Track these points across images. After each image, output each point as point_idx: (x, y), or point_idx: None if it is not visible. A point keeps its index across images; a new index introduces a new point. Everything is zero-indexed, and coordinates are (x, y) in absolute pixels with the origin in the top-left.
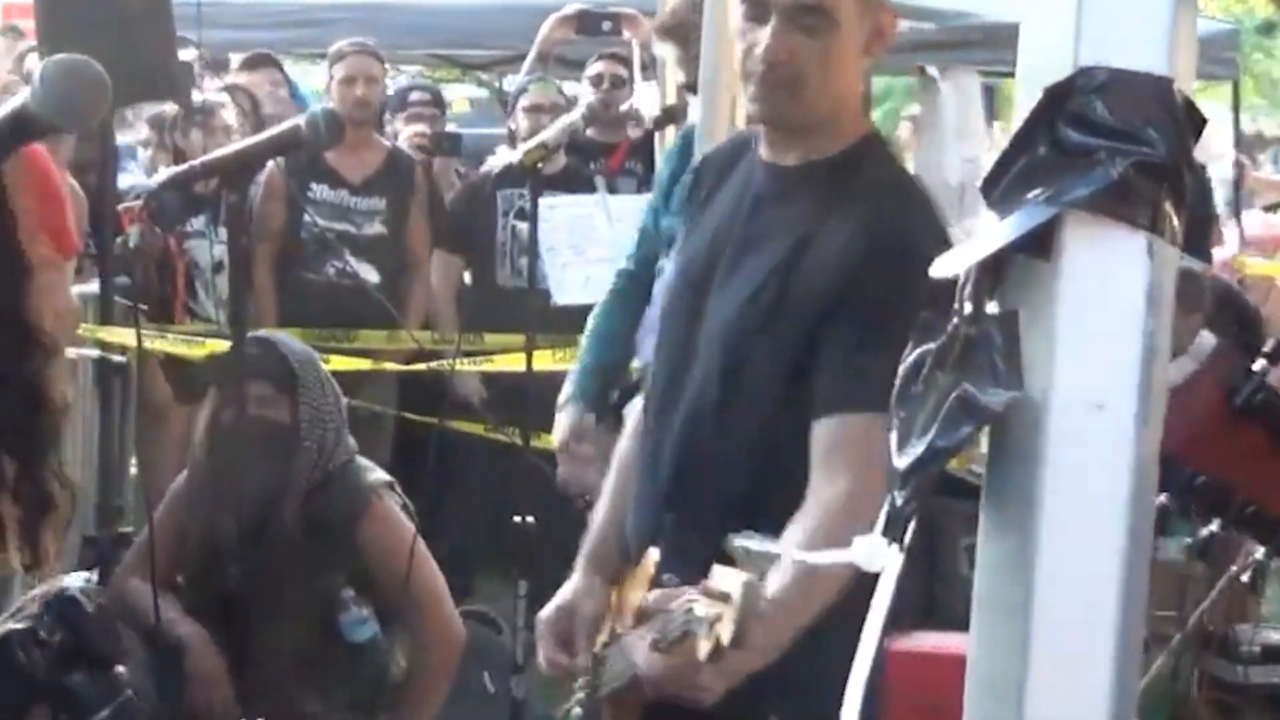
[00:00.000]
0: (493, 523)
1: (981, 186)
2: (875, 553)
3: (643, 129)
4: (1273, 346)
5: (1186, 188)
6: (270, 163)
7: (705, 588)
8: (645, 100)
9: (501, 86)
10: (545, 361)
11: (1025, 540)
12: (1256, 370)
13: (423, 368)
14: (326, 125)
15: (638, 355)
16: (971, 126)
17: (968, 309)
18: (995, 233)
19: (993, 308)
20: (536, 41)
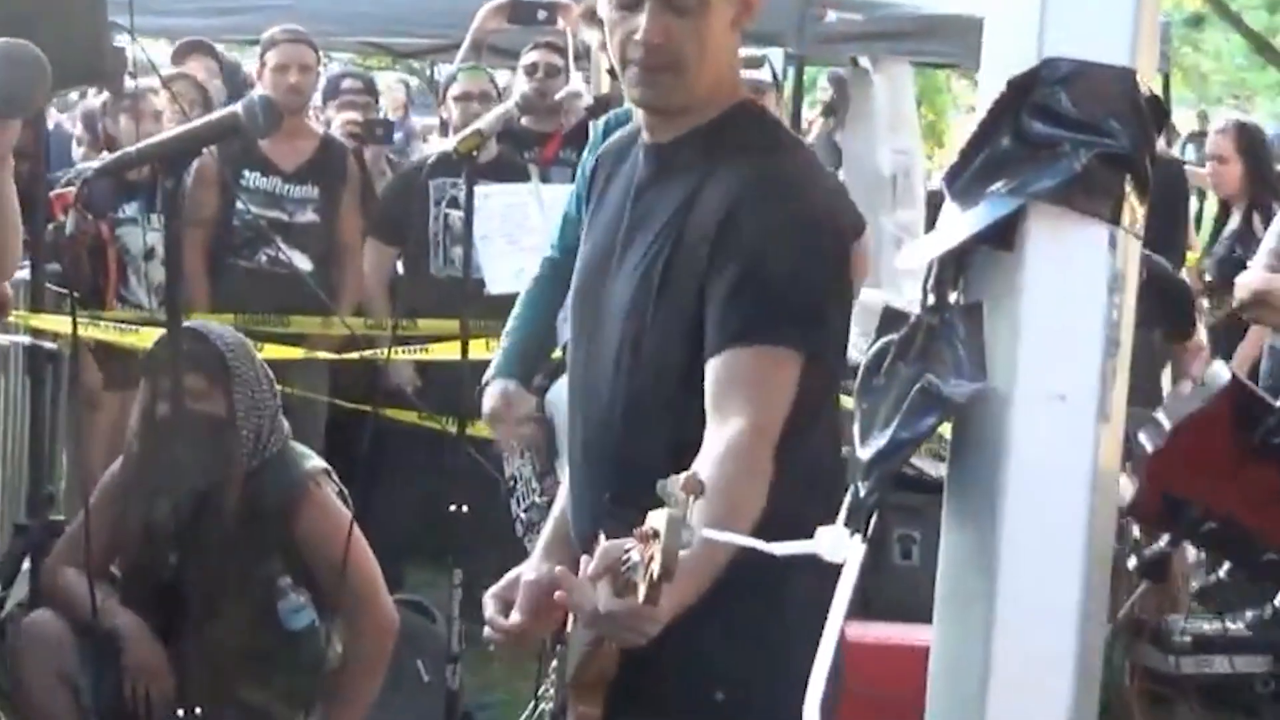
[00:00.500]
0: (427, 512)
1: (944, 177)
2: (838, 543)
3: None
4: None
5: (1149, 179)
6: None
7: (639, 533)
8: (578, 89)
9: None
10: (480, 351)
11: (989, 531)
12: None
13: (356, 357)
14: (264, 113)
15: (559, 341)
16: (904, 117)
17: (931, 300)
18: (959, 224)
19: (956, 299)
20: (470, 30)
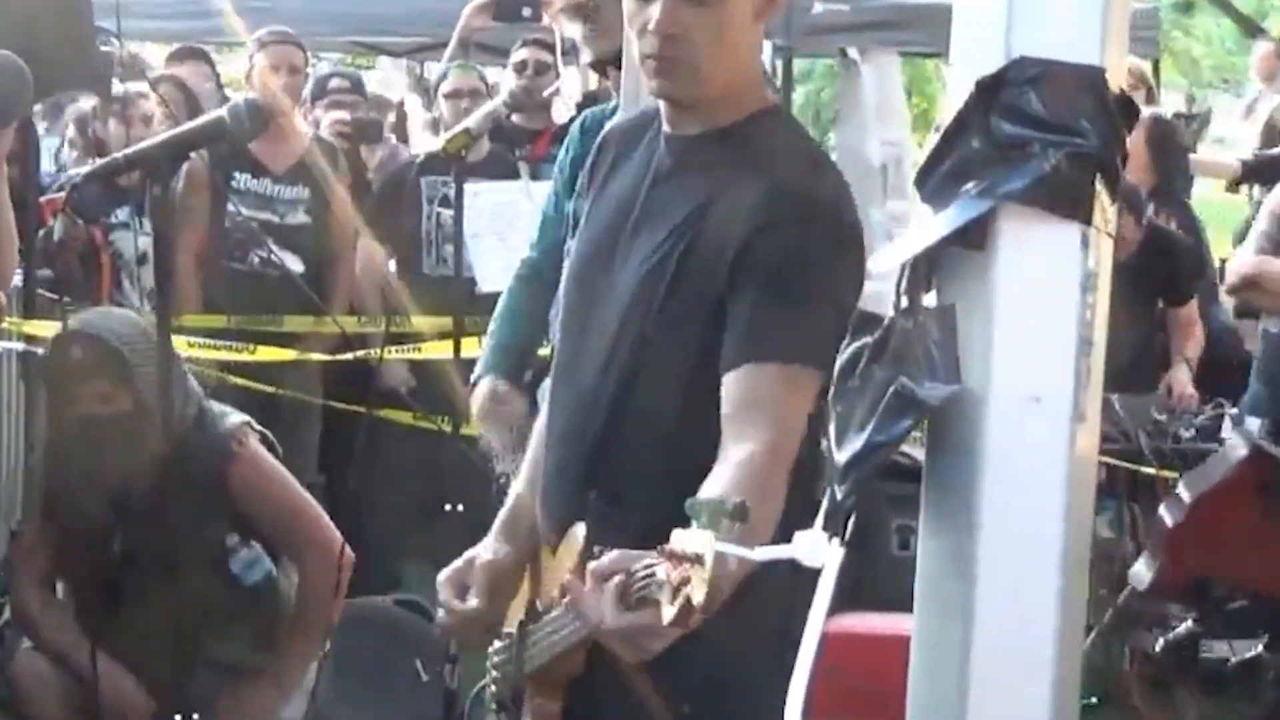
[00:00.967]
0: (422, 511)
1: (915, 180)
2: (816, 548)
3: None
4: None
5: (1120, 177)
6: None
7: (669, 552)
8: (570, 85)
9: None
10: (472, 349)
11: (965, 533)
12: None
13: (349, 357)
14: (250, 115)
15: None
16: (893, 108)
17: (904, 302)
18: (930, 226)
19: (929, 301)
20: (457, 28)
